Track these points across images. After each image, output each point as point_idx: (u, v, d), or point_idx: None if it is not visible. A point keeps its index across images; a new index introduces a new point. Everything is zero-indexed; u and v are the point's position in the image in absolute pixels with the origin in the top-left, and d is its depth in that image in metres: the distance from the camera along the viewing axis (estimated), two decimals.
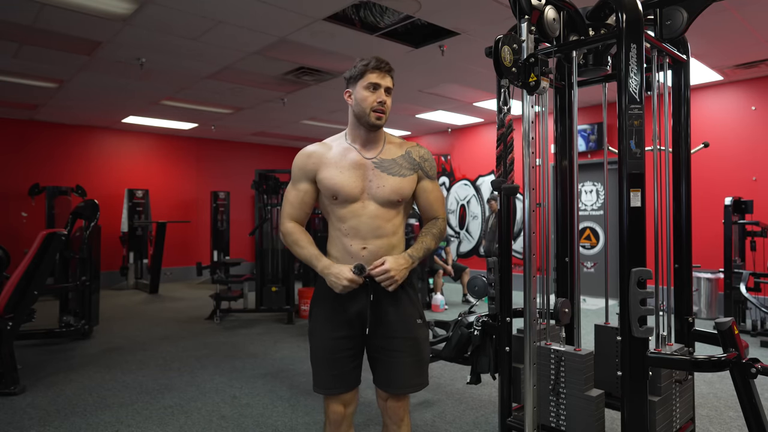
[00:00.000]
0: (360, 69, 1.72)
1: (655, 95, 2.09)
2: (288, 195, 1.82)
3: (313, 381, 1.80)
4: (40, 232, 3.82)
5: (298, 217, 1.81)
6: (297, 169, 1.80)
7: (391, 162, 1.77)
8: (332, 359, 1.74)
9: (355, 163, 1.75)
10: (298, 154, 1.82)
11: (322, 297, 1.78)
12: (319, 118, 7.80)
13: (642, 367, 1.75)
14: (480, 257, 8.58)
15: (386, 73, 1.74)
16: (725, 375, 3.56)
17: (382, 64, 1.72)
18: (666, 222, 2.24)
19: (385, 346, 1.74)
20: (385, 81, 1.73)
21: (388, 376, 1.74)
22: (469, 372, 2.42)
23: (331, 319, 1.75)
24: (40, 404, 3.19)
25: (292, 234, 1.79)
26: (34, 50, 4.68)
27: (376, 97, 1.71)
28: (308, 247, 1.76)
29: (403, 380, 1.74)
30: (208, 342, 4.76)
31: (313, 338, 1.79)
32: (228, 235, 9.37)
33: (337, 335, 1.74)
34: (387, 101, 1.73)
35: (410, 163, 1.80)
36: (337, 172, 1.73)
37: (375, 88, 1.71)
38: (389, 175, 1.75)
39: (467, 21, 4.09)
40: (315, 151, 1.80)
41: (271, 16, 3.93)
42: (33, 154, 7.90)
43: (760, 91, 5.78)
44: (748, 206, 5.10)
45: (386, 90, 1.74)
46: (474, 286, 2.64)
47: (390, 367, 1.74)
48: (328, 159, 1.77)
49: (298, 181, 1.80)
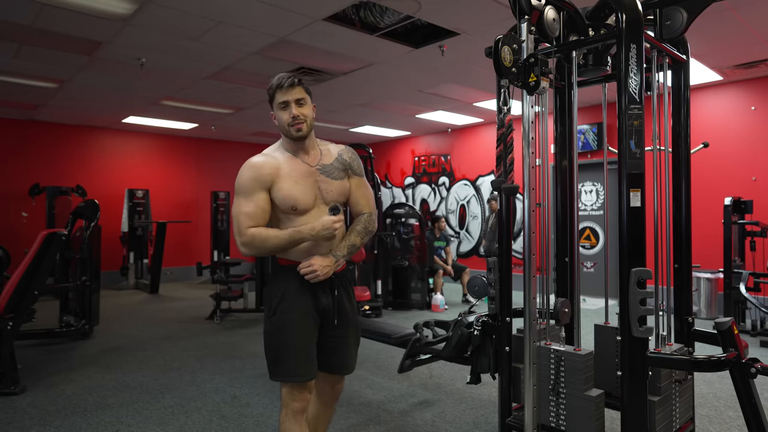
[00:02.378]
0: (270, 94, 1.84)
1: (655, 95, 2.09)
2: (240, 209, 1.78)
3: (280, 372, 1.81)
4: (40, 232, 3.82)
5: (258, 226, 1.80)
6: (250, 180, 1.78)
7: (331, 166, 1.90)
8: (305, 347, 1.83)
9: (305, 172, 1.85)
10: (247, 168, 1.81)
11: (291, 292, 1.83)
12: (319, 118, 7.80)
13: (642, 367, 1.75)
14: (480, 257, 8.58)
15: (290, 87, 1.80)
16: (725, 375, 3.56)
17: (283, 81, 1.80)
18: (666, 222, 2.24)
19: (341, 335, 1.93)
20: (293, 94, 1.80)
21: (344, 360, 1.95)
22: (469, 372, 2.43)
23: (303, 310, 1.82)
24: (40, 404, 3.19)
25: (258, 234, 1.77)
26: (34, 50, 4.68)
27: (288, 114, 1.80)
28: (279, 233, 1.78)
29: (352, 363, 1.99)
30: (208, 342, 4.76)
31: (286, 332, 1.81)
32: (228, 235, 9.37)
33: (311, 323, 1.85)
34: (302, 111, 1.81)
35: (343, 165, 1.93)
36: (292, 183, 1.81)
37: (285, 105, 1.81)
38: (333, 179, 1.88)
39: (467, 21, 4.09)
40: (266, 161, 1.83)
41: (271, 16, 3.93)
42: (33, 154, 7.91)
43: (760, 91, 5.78)
44: (747, 206, 5.10)
45: (297, 102, 1.81)
46: (474, 286, 2.63)
47: (345, 352, 1.94)
48: (281, 170, 1.81)
49: (252, 192, 1.78)
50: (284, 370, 1.81)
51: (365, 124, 8.53)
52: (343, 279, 1.95)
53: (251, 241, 1.77)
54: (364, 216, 1.95)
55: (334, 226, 1.78)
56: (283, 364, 1.81)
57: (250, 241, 1.77)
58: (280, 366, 1.81)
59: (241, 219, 1.78)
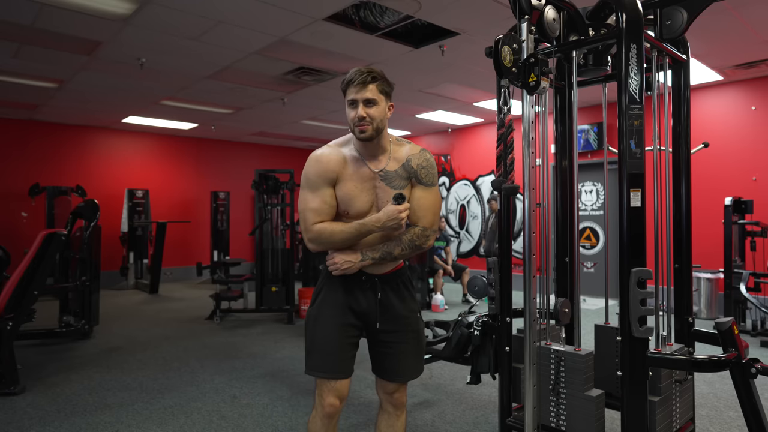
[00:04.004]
0: (342, 88, 1.74)
1: (655, 95, 2.09)
2: (306, 205, 1.74)
3: (309, 365, 1.80)
4: (40, 232, 3.82)
5: (324, 221, 1.75)
6: (316, 176, 1.74)
7: (394, 174, 1.78)
8: (337, 343, 1.77)
9: (366, 176, 1.77)
10: (313, 161, 1.76)
11: (332, 288, 1.81)
12: (319, 118, 7.80)
13: (642, 367, 1.75)
14: (480, 257, 8.58)
15: (362, 85, 1.69)
16: (725, 375, 3.56)
17: (356, 77, 1.69)
18: (666, 222, 2.24)
19: (393, 340, 1.83)
20: (363, 94, 1.69)
21: (397, 367, 1.84)
22: (469, 372, 2.43)
23: (341, 305, 1.79)
24: (40, 404, 3.19)
25: (324, 230, 1.72)
26: (34, 50, 4.68)
27: (355, 114, 1.71)
28: (345, 226, 1.72)
29: (409, 370, 1.87)
30: (208, 342, 4.76)
31: (319, 322, 1.80)
32: (228, 235, 9.37)
33: (345, 321, 1.79)
34: (369, 112, 1.70)
35: (407, 173, 1.80)
36: (353, 186, 1.75)
37: (353, 104, 1.72)
38: (391, 189, 1.77)
39: (467, 21, 4.09)
40: (332, 157, 1.76)
41: (271, 16, 3.93)
42: (33, 154, 7.91)
43: (760, 91, 5.78)
44: (748, 206, 5.10)
45: (366, 102, 1.70)
46: (474, 286, 2.64)
47: (398, 359, 1.84)
48: (346, 170, 1.76)
49: (318, 188, 1.74)
50: (311, 362, 1.80)
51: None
52: (393, 282, 1.84)
53: (318, 237, 1.73)
54: (417, 229, 1.79)
55: (400, 215, 1.67)
56: (311, 356, 1.80)
57: (317, 236, 1.73)
58: (309, 357, 1.81)
59: (307, 215, 1.74)
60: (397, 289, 1.85)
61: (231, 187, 9.78)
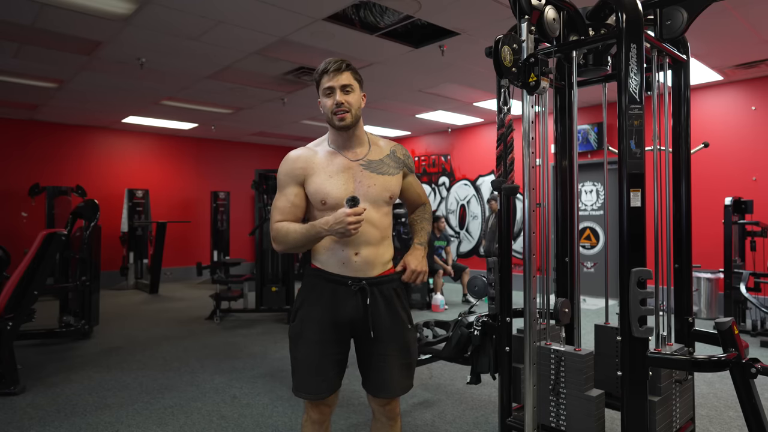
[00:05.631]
0: (316, 78, 1.75)
1: (655, 95, 2.09)
2: (276, 204, 1.77)
3: (294, 385, 1.76)
4: (40, 232, 3.82)
5: (287, 221, 1.75)
6: (283, 174, 1.77)
7: (379, 162, 1.79)
8: (319, 364, 1.71)
9: (342, 167, 1.75)
10: (284, 161, 1.79)
11: (312, 300, 1.75)
12: (319, 118, 7.78)
13: (642, 367, 1.75)
14: (480, 257, 8.58)
15: (338, 72, 1.69)
16: (725, 375, 3.56)
17: (330, 66, 1.70)
18: (666, 222, 2.24)
19: (379, 352, 1.74)
20: (339, 80, 1.69)
21: (382, 381, 1.75)
22: (469, 372, 2.43)
23: (323, 321, 1.72)
24: (40, 404, 3.19)
25: (280, 228, 1.72)
26: (34, 50, 4.68)
27: (332, 101, 1.70)
28: (297, 227, 1.70)
29: (395, 385, 1.76)
30: (208, 342, 4.76)
31: (301, 340, 1.74)
32: (228, 235, 9.37)
33: (328, 338, 1.72)
34: (347, 99, 1.70)
35: (396, 162, 1.84)
36: (326, 177, 1.73)
37: (330, 91, 1.71)
38: (378, 174, 1.77)
39: (467, 21, 4.09)
40: (301, 155, 1.78)
41: (271, 16, 3.93)
42: (33, 154, 7.90)
43: (760, 91, 5.78)
44: (748, 206, 5.10)
45: (342, 88, 1.69)
46: (474, 286, 2.64)
47: (382, 373, 1.74)
48: (316, 164, 1.75)
49: (285, 186, 1.76)
50: (296, 382, 1.76)
51: (365, 123, 8.39)
52: (383, 288, 1.76)
53: (276, 236, 1.73)
54: (427, 205, 1.99)
55: (347, 219, 1.55)
56: (296, 377, 1.76)
57: (275, 235, 1.73)
58: (294, 377, 1.77)
59: (273, 214, 1.76)
60: (388, 297, 1.76)
61: (231, 187, 9.78)
